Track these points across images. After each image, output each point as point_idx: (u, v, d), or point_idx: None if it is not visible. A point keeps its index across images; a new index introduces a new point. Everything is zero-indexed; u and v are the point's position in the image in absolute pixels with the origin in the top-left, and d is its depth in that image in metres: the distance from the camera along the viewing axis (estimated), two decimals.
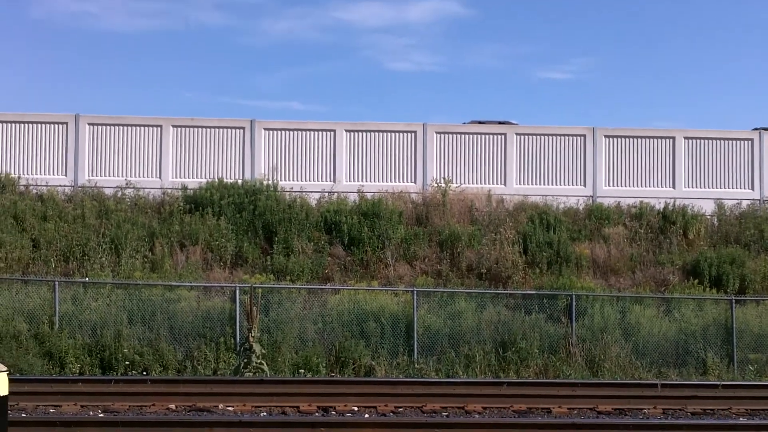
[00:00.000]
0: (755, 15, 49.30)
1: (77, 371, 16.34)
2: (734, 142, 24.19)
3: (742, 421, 12.78)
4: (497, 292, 19.15)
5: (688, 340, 18.29)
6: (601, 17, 48.50)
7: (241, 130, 22.98)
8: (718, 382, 15.40)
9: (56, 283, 17.38)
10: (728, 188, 23.94)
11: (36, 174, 22.25)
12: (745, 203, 23.58)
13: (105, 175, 22.41)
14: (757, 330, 18.51)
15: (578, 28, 48.50)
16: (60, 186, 21.96)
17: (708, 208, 23.28)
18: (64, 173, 22.40)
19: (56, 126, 22.53)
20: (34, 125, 22.50)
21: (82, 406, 12.84)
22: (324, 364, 17.02)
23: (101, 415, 12.34)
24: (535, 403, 13.66)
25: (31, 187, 21.75)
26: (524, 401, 13.73)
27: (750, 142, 24.18)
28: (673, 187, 23.79)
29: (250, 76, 49.14)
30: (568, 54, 49.53)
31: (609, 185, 23.67)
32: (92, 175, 22.36)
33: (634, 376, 17.44)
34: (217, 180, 22.04)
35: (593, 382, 15.40)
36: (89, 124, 22.62)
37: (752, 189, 23.98)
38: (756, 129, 24.81)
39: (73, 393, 13.22)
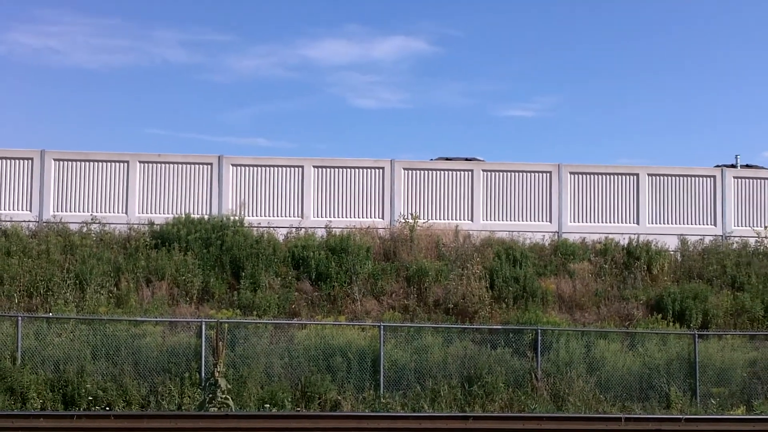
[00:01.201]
0: (717, 54, 50.56)
1: (39, 407, 16.11)
2: (697, 178, 24.64)
3: None
4: (464, 327, 19.22)
5: (652, 375, 18.46)
6: (565, 56, 49.44)
7: (209, 166, 23.03)
8: (681, 416, 15.49)
9: (19, 318, 17.17)
10: (691, 224, 24.33)
11: (0, 209, 22.09)
12: (707, 239, 23.95)
13: (70, 211, 22.30)
14: (719, 364, 18.72)
15: (542, 66, 49.39)
16: (24, 221, 21.82)
17: (671, 243, 23.62)
18: (28, 209, 22.26)
19: (21, 161, 22.45)
20: None
21: None
22: (290, 399, 16.95)
23: None
24: None
25: None
26: None
27: (712, 178, 24.64)
28: (637, 223, 24.14)
29: (216, 112, 49.33)
30: (533, 92, 50.35)
31: (574, 221, 23.97)
32: (57, 211, 22.26)
33: (599, 410, 17.53)
34: (184, 215, 22.01)
35: (558, 416, 15.48)
36: (55, 159, 22.57)
37: (715, 225, 24.39)
38: (718, 166, 25.35)
39: (34, 429, 13.07)
